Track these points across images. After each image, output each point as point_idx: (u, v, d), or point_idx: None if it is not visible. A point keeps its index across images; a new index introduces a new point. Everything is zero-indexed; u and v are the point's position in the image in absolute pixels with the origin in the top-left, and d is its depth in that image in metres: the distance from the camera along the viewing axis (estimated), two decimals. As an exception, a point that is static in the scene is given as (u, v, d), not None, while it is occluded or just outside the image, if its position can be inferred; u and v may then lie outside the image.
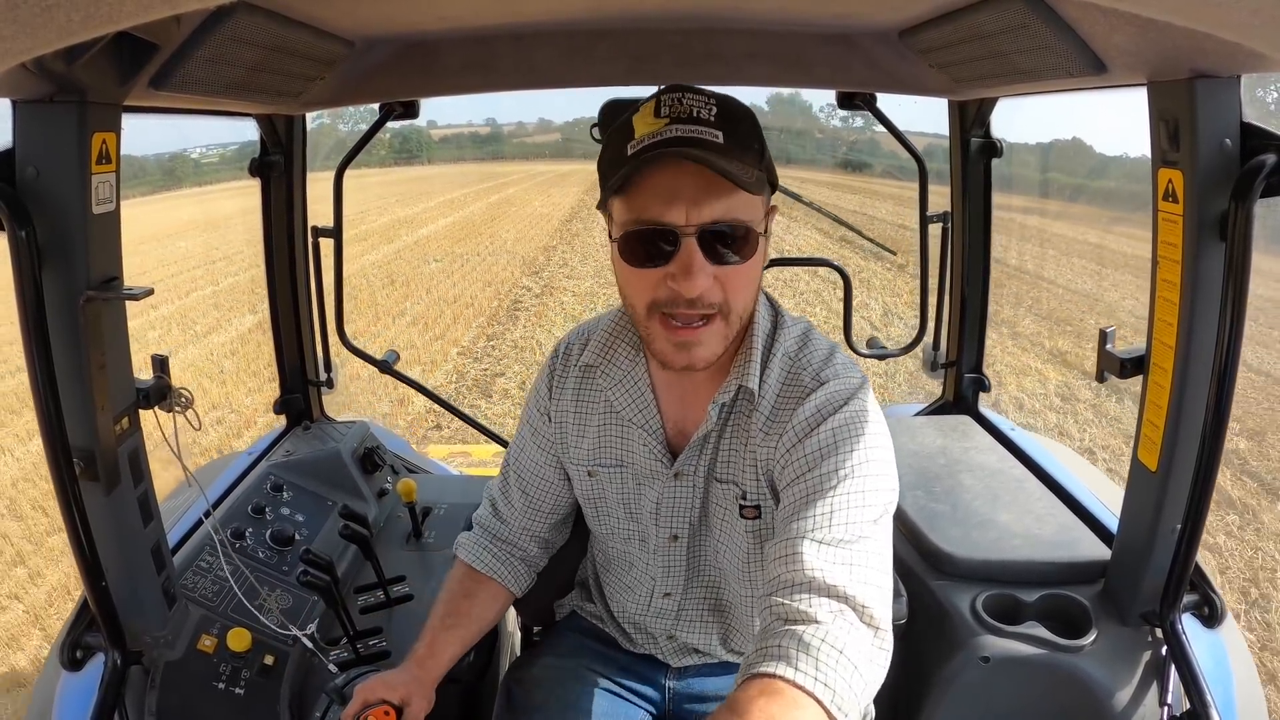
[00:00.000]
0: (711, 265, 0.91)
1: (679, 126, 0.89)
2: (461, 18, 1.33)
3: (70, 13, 0.38)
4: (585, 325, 1.21)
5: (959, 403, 2.07)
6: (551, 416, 1.18)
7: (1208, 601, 1.26)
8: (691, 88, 0.94)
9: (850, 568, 0.85)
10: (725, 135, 0.89)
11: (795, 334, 1.06)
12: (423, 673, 1.08)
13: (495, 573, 1.22)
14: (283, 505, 1.63)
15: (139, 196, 26.39)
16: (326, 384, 2.05)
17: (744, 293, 0.95)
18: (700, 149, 0.87)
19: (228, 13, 0.96)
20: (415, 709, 1.04)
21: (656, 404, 1.10)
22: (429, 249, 15.80)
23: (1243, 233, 0.99)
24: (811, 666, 0.77)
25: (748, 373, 1.02)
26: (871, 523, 0.90)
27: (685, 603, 1.19)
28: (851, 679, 0.78)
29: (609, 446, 1.14)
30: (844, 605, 0.83)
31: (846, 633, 0.80)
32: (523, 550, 1.25)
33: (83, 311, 1.01)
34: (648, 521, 1.14)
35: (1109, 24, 0.94)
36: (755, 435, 1.03)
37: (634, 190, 0.91)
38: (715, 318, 0.94)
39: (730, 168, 0.86)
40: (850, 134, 42.62)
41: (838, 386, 0.99)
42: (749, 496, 1.05)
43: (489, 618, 1.21)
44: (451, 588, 1.21)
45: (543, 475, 1.22)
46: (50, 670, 1.22)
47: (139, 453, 1.16)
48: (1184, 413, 1.13)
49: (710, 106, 0.91)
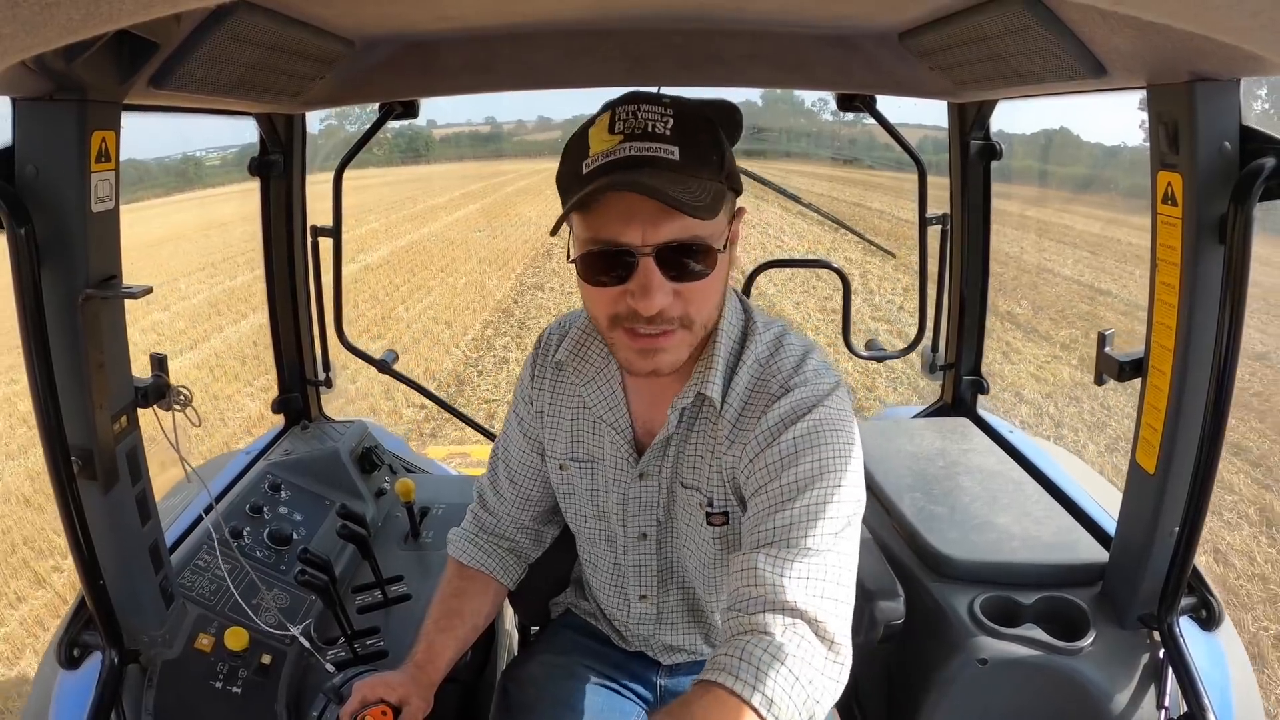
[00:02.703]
0: (671, 282, 0.90)
1: (633, 145, 0.87)
2: (462, 18, 1.33)
3: (71, 11, 0.38)
4: (567, 317, 1.21)
5: (957, 405, 2.07)
6: (534, 404, 1.19)
7: (1205, 604, 1.26)
8: (649, 96, 0.92)
9: (807, 581, 0.86)
10: (681, 150, 0.87)
11: (767, 339, 1.04)
12: (422, 675, 1.08)
13: (485, 566, 1.23)
14: (281, 504, 1.63)
15: (157, 198, 27.41)
16: (325, 384, 2.05)
17: (705, 305, 0.95)
18: (653, 169, 0.86)
19: (228, 11, 0.96)
20: (414, 709, 1.04)
21: (627, 403, 1.11)
22: (469, 224, 20.26)
23: (1242, 236, 0.99)
24: (752, 676, 0.80)
25: (706, 380, 1.01)
26: (833, 535, 0.90)
27: (664, 606, 1.20)
28: (793, 691, 0.80)
29: (581, 442, 1.15)
30: (798, 619, 0.84)
31: (795, 645, 0.82)
32: (512, 542, 1.26)
33: (81, 310, 1.01)
34: (615, 521, 1.15)
35: (1108, 27, 0.94)
36: (721, 442, 1.02)
37: (591, 210, 0.90)
38: (677, 331, 0.94)
39: (684, 193, 0.84)
40: (842, 127, 42.87)
41: (804, 394, 0.97)
42: (715, 504, 1.05)
43: (484, 613, 1.21)
44: (445, 588, 1.22)
45: (529, 463, 1.23)
46: (47, 669, 1.21)
47: (137, 452, 1.16)
48: (1182, 415, 1.13)
49: (667, 119, 0.89)
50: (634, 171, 0.86)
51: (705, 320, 0.97)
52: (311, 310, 1.98)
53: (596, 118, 0.93)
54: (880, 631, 1.25)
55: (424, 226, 19.66)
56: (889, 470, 1.68)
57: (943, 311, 2.01)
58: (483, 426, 2.48)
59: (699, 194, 0.86)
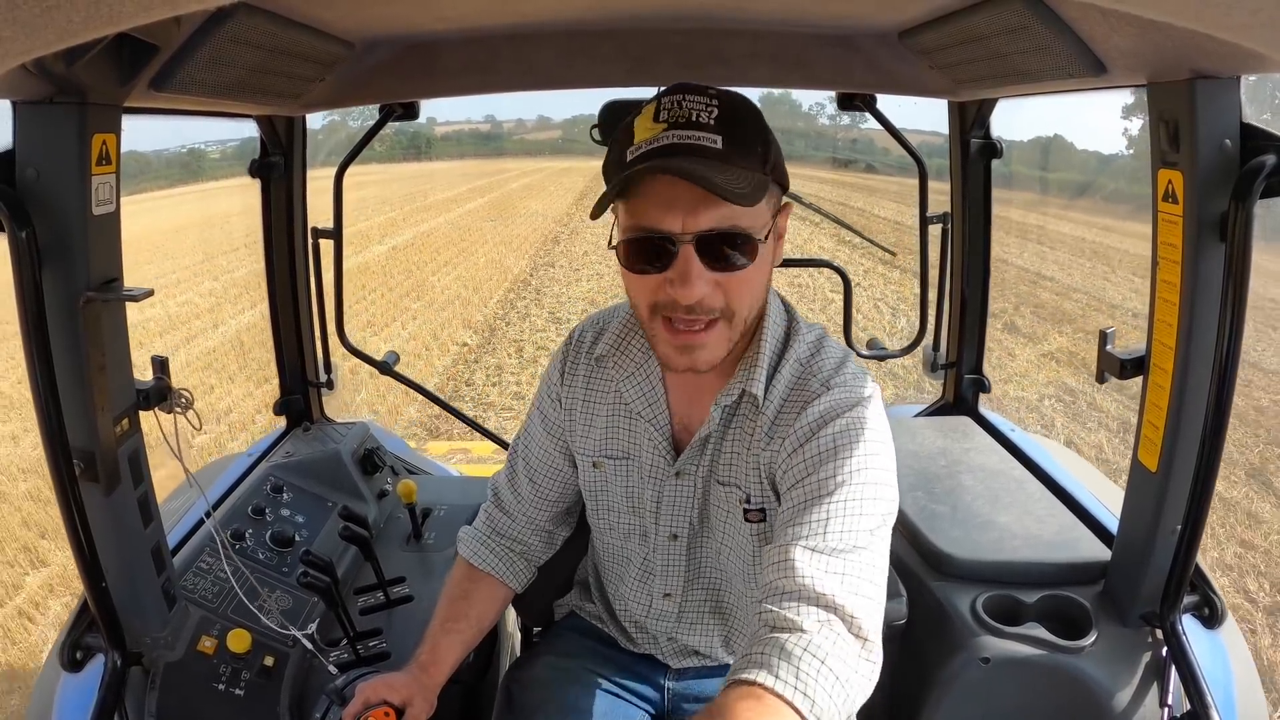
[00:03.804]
0: (711, 272, 0.90)
1: (676, 133, 0.88)
2: (462, 18, 1.33)
3: (70, 14, 0.38)
4: (601, 314, 1.20)
5: (959, 404, 2.07)
6: (562, 402, 1.18)
7: (1208, 602, 1.26)
8: (695, 87, 0.92)
9: (842, 577, 0.85)
10: (725, 139, 0.88)
11: (809, 340, 1.05)
12: (426, 677, 1.07)
13: (494, 569, 1.21)
14: (283, 506, 1.63)
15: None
16: (326, 385, 2.05)
17: (746, 298, 0.95)
18: (696, 157, 0.86)
19: (228, 14, 0.96)
20: (417, 710, 1.04)
21: (666, 399, 1.10)
22: (479, 214, 21.86)
23: (1242, 233, 0.98)
24: (792, 675, 0.78)
25: (752, 377, 1.01)
26: (868, 532, 0.89)
27: (686, 604, 1.19)
28: (833, 689, 0.78)
29: (616, 438, 1.14)
30: (832, 615, 0.83)
31: (832, 643, 0.81)
32: (524, 545, 1.25)
33: (82, 312, 1.01)
34: (649, 517, 1.14)
35: (1109, 25, 0.94)
36: (760, 439, 1.02)
37: (633, 197, 0.91)
38: (718, 322, 0.94)
39: (723, 179, 0.84)
40: (839, 130, 43.00)
41: (843, 394, 0.98)
42: (753, 500, 1.05)
43: (490, 616, 1.20)
44: (452, 589, 1.20)
45: (551, 463, 1.21)
46: (50, 671, 1.21)
47: (139, 454, 1.16)
48: (1184, 413, 1.13)
49: (711, 109, 0.89)
50: (676, 158, 0.86)
51: (746, 313, 0.96)
52: (313, 312, 1.98)
53: (644, 107, 0.94)
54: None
55: (439, 216, 21.38)
56: None
57: (944, 310, 2.01)
58: (483, 427, 2.48)
59: (739, 182, 0.86)
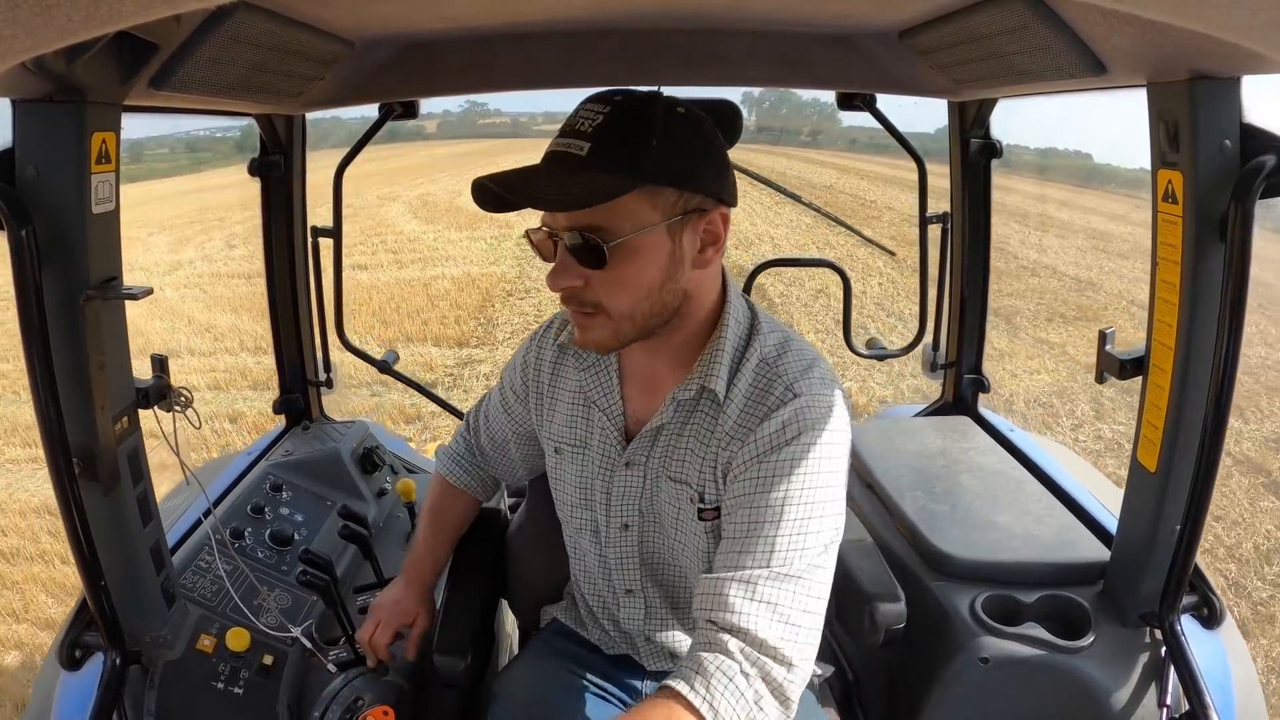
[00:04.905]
0: (581, 267, 0.94)
1: (560, 141, 0.93)
2: (462, 18, 1.33)
3: (70, 12, 0.38)
4: None
5: (958, 403, 2.07)
6: (530, 388, 1.23)
7: (1207, 603, 1.26)
8: (604, 95, 0.94)
9: (774, 608, 0.90)
10: (593, 146, 0.90)
11: (774, 340, 1.04)
12: (422, 588, 1.32)
13: (468, 486, 1.38)
14: (282, 505, 1.63)
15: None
16: (326, 384, 2.05)
17: (617, 297, 0.95)
18: (557, 164, 0.92)
19: (228, 13, 0.96)
20: (422, 622, 1.28)
21: (620, 390, 1.12)
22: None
23: (1242, 233, 0.98)
24: (704, 689, 0.87)
25: (711, 373, 1.01)
26: (816, 551, 0.94)
27: (650, 601, 1.20)
28: (737, 705, 0.86)
29: (574, 426, 1.16)
30: (761, 640, 0.89)
31: (752, 665, 0.89)
32: (494, 470, 1.39)
33: (82, 311, 1.01)
34: (599, 511, 1.15)
35: (1109, 25, 0.94)
36: (720, 438, 1.02)
37: None
38: (596, 315, 0.97)
39: (556, 188, 0.90)
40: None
41: (807, 404, 0.97)
42: (707, 499, 1.04)
43: (465, 524, 1.42)
44: (436, 503, 1.38)
45: (503, 443, 1.33)
46: (49, 670, 1.22)
47: (138, 452, 1.16)
48: (1184, 414, 1.12)
49: (598, 117, 0.91)
50: (534, 170, 0.93)
51: (627, 312, 0.96)
52: (312, 311, 1.98)
53: None
54: (881, 636, 1.25)
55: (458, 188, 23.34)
56: (890, 469, 1.68)
57: (943, 310, 2.01)
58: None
59: (573, 189, 0.90)
